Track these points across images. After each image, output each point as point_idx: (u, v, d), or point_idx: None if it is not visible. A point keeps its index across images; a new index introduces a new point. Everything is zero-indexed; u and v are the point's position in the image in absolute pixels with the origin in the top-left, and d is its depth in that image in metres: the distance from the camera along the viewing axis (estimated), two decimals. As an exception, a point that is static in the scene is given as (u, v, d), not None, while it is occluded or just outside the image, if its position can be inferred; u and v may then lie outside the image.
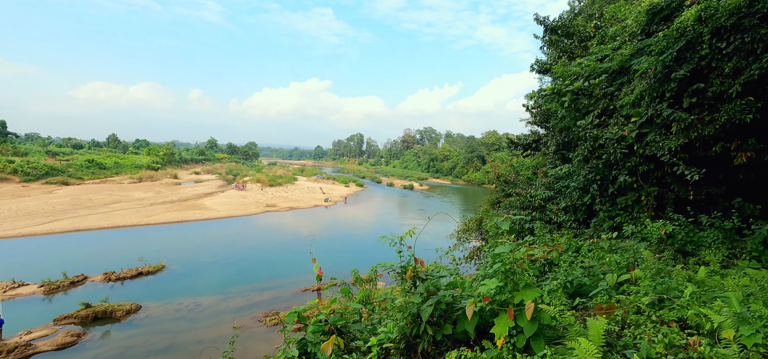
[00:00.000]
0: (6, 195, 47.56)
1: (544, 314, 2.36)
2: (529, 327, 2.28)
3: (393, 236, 3.37)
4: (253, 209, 51.88)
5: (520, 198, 11.12)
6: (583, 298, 3.54)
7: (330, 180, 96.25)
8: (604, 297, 3.24)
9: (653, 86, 6.64)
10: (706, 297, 3.18)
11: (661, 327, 2.67)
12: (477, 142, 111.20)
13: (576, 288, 3.91)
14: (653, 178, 7.08)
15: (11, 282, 22.52)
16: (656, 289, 3.10)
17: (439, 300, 2.72)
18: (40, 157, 68.42)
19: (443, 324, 2.67)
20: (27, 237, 32.52)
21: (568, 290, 3.66)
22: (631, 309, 3.01)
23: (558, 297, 3.29)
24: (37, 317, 19.53)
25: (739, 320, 2.50)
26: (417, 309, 2.70)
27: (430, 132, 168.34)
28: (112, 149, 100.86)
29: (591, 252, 6.02)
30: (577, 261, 5.35)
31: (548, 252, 4.77)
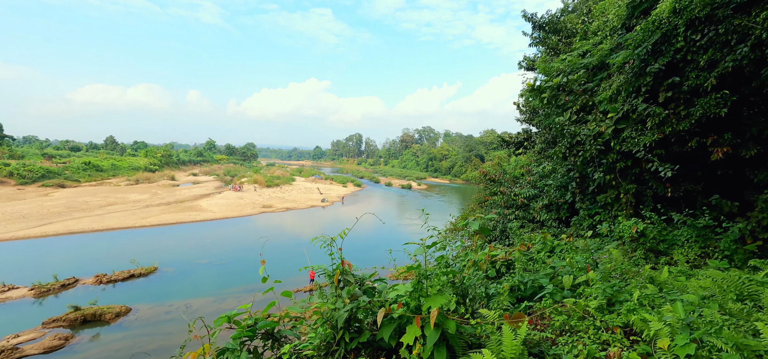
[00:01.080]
0: (1, 198, 47.44)
1: (448, 323, 2.20)
2: (431, 335, 2.13)
3: (324, 237, 3.23)
4: (249, 210, 51.74)
5: (504, 197, 10.96)
6: (538, 302, 3.38)
7: (328, 181, 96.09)
8: (548, 301, 3.07)
9: (630, 81, 6.47)
10: (660, 299, 3.01)
11: (604, 334, 2.51)
12: (475, 141, 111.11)
13: (534, 290, 3.75)
14: (631, 174, 6.90)
15: (1, 286, 22.38)
16: (606, 292, 2.93)
17: (357, 306, 2.57)
18: (37, 159, 68.33)
19: (363, 330, 2.52)
20: (20, 240, 32.38)
21: (521, 292, 3.50)
22: (577, 313, 2.85)
23: (499, 303, 3.13)
24: (26, 320, 19.37)
25: (683, 327, 2.33)
26: (333, 315, 2.55)
27: (429, 131, 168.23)
28: (109, 151, 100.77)
29: (563, 252, 5.86)
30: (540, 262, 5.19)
31: (510, 252, 4.60)
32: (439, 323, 2.13)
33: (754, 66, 5.16)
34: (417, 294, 2.39)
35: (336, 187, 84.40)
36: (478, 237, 5.34)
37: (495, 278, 4.15)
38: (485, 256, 4.44)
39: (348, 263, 3.07)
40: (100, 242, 33.50)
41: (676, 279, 3.89)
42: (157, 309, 21.22)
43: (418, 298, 2.38)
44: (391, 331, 2.36)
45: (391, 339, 2.37)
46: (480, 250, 4.90)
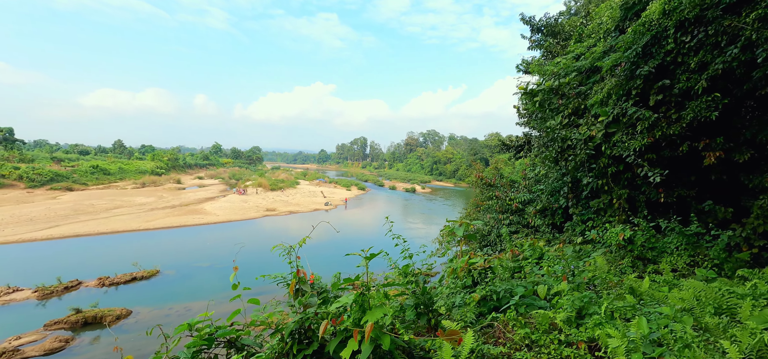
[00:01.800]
0: (10, 201, 48.28)
1: (384, 338, 2.10)
2: (365, 350, 2.04)
3: (283, 245, 3.15)
4: (252, 213, 51.99)
5: (499, 202, 10.81)
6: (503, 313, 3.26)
7: (332, 184, 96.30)
8: (511, 313, 2.96)
9: (620, 84, 6.32)
10: (633, 312, 2.88)
11: (566, 349, 2.39)
12: (480, 145, 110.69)
13: (509, 299, 3.63)
14: (623, 179, 6.73)
15: (6, 288, 22.68)
16: (574, 304, 2.81)
17: (305, 317, 2.49)
18: (46, 163, 69.52)
19: (313, 342, 2.44)
20: (26, 242, 32.86)
21: (493, 302, 3.38)
22: (543, 326, 2.73)
23: (462, 314, 3.01)
24: (29, 322, 19.58)
25: (646, 343, 2.21)
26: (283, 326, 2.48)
27: (434, 135, 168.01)
28: (117, 155, 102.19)
29: (552, 259, 5.73)
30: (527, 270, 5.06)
31: (489, 260, 4.48)
32: (374, 337, 2.04)
33: (745, 68, 4.99)
34: (357, 307, 2.30)
35: (340, 191, 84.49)
36: (463, 243, 5.22)
37: (471, 287, 4.04)
38: (463, 264, 4.33)
39: (303, 271, 3.00)
40: (104, 245, 33.86)
41: (659, 289, 3.74)
42: (156, 312, 21.31)
43: (360, 311, 2.29)
44: (336, 344, 2.28)
45: (338, 353, 2.29)
46: (463, 257, 4.79)
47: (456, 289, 4.15)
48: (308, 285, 2.88)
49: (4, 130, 70.23)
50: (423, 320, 2.85)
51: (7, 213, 41.31)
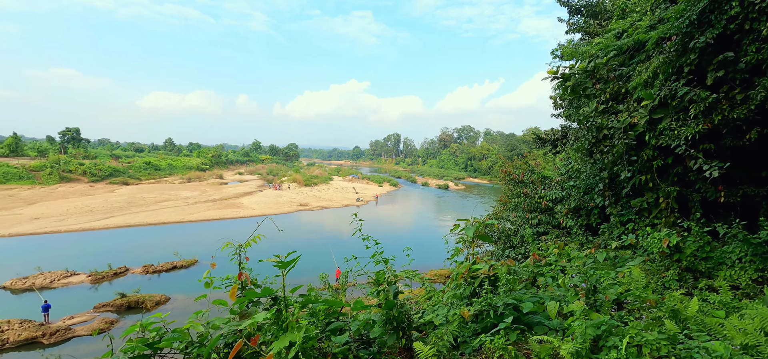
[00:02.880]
0: (76, 194, 53.45)
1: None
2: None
3: (231, 244, 2.79)
4: (286, 208, 53.49)
5: (526, 200, 9.86)
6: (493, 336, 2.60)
7: (365, 180, 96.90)
8: (499, 340, 2.32)
9: (670, 60, 5.28)
10: (668, 348, 2.16)
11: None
12: (517, 140, 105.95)
13: (515, 315, 3.00)
14: (672, 174, 5.67)
15: (64, 272, 24.94)
16: (586, 333, 2.14)
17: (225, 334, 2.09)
18: (106, 159, 76.35)
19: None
20: (85, 231, 36.08)
21: (490, 320, 2.77)
22: (545, 356, 2.11)
23: (438, 337, 2.42)
24: (82, 303, 21.33)
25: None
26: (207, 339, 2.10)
27: (469, 130, 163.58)
28: (167, 152, 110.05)
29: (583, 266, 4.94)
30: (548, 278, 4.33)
31: (495, 267, 3.83)
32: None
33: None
34: (276, 326, 1.87)
35: (372, 187, 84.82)
36: (474, 245, 4.57)
37: (470, 298, 3.44)
38: (464, 271, 3.72)
39: (247, 275, 2.61)
40: (151, 235, 36.37)
41: (712, 313, 2.91)
42: (191, 300, 22.41)
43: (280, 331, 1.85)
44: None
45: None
46: (465, 263, 4.16)
47: (454, 300, 3.57)
48: (254, 290, 2.48)
49: (72, 130, 78.07)
50: (392, 338, 2.34)
51: (71, 205, 45.78)
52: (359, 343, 2.38)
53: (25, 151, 73.48)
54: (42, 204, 45.44)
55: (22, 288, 22.75)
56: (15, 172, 57.93)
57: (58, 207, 44.20)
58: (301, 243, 35.59)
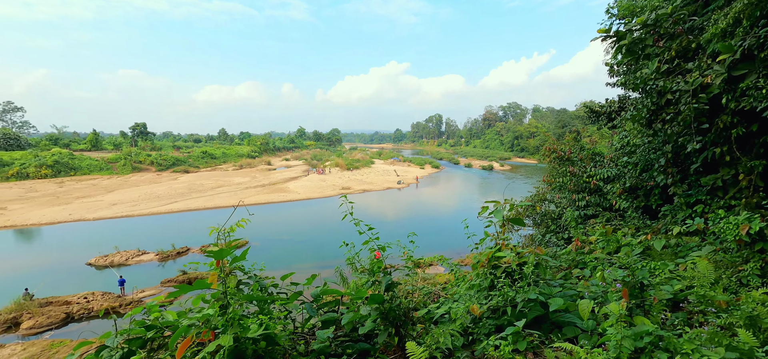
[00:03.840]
0: (145, 182, 59.46)
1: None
2: None
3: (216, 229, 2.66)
4: (329, 192, 54.98)
5: (573, 179, 8.93)
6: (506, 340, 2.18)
7: (406, 163, 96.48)
8: (506, 348, 1.91)
9: (756, 1, 4.23)
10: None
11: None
12: (569, 116, 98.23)
13: (540, 313, 2.58)
14: (758, 145, 4.65)
15: (137, 251, 27.97)
16: (622, 346, 1.67)
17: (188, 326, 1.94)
18: (169, 150, 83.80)
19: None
20: (153, 215, 40.06)
21: (506, 318, 2.38)
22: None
23: (434, 336, 2.07)
24: (151, 279, 23.83)
25: None
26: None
27: (515, 107, 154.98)
28: (221, 141, 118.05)
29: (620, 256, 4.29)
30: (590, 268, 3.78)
31: (523, 254, 3.37)
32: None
33: None
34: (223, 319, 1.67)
35: (413, 169, 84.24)
36: (505, 229, 4.12)
37: (489, 290, 3.05)
38: (485, 258, 3.33)
39: (225, 262, 2.47)
40: (208, 218, 39.45)
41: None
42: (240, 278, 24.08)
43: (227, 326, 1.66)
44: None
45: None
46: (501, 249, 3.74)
47: (472, 292, 3.21)
48: (235, 278, 2.34)
49: (140, 125, 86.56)
50: (383, 335, 2.07)
51: (142, 192, 51.05)
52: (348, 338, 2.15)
53: (103, 145, 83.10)
54: (118, 192, 51.16)
55: (104, 264, 25.90)
56: (96, 164, 65.82)
57: (131, 194, 49.51)
58: (342, 226, 36.48)
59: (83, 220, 37.06)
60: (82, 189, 52.66)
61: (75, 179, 59.49)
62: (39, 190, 50.81)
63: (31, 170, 57.71)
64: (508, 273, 3.03)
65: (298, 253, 28.35)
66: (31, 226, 35.26)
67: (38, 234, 33.90)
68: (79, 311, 18.76)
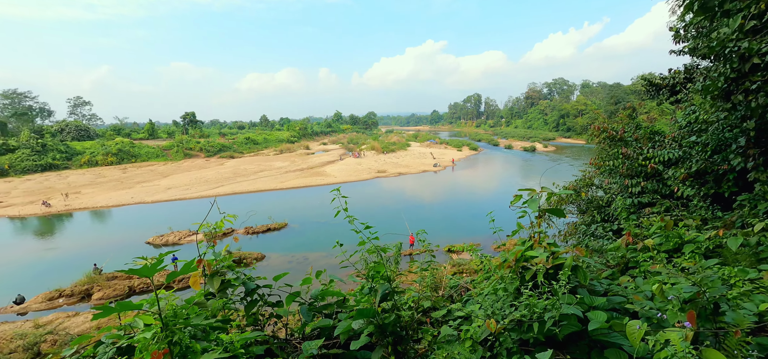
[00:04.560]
0: (195, 167, 63.71)
1: None
2: None
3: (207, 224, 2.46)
4: (365, 175, 55.40)
5: (627, 162, 7.94)
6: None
7: (442, 145, 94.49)
8: None
9: None
10: None
11: None
12: (623, 91, 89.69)
13: (577, 329, 2.14)
14: None
15: (188, 231, 30.15)
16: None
17: None
18: (216, 137, 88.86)
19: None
20: (202, 198, 42.86)
21: (531, 335, 1.97)
22: None
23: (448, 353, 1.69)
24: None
25: None
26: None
27: (561, 84, 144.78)
28: (263, 127, 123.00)
29: (685, 257, 3.63)
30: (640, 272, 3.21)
31: (559, 254, 2.88)
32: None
33: None
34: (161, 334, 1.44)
35: (450, 151, 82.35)
36: (541, 221, 3.62)
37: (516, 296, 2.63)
38: (512, 258, 2.90)
39: (206, 262, 2.26)
40: (251, 200, 41.49)
41: None
42: (282, 258, 25.14)
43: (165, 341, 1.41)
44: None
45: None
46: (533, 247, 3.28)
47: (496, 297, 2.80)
48: (219, 280, 2.14)
49: (190, 114, 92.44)
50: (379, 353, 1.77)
51: (193, 177, 54.78)
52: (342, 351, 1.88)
53: (158, 134, 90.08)
54: (172, 177, 55.30)
55: (160, 243, 28.22)
56: (153, 152, 71.59)
57: (183, 179, 53.31)
58: (377, 210, 36.66)
59: (143, 203, 40.59)
60: (141, 174, 57.64)
61: (136, 165, 65.24)
62: (106, 176, 56.39)
63: (99, 158, 64.10)
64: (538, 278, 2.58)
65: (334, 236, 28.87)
66: (100, 208, 39.29)
67: (107, 216, 37.73)
68: (140, 285, 20.63)
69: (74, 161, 62.73)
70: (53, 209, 38.23)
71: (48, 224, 34.77)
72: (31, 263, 24.85)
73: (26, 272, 24.17)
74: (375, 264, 2.48)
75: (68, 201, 40.85)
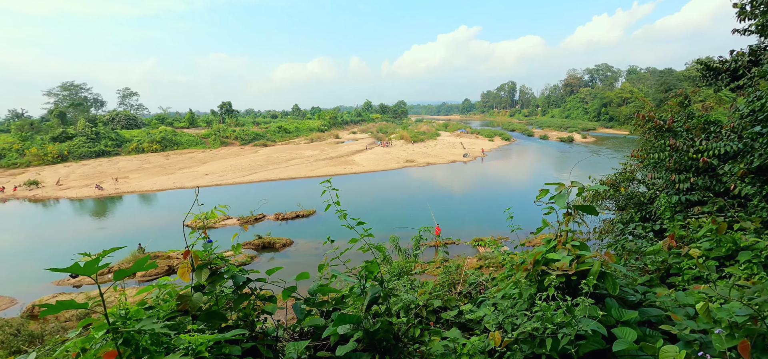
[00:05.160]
0: (231, 155, 66.53)
1: None
2: None
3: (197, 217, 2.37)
4: (393, 164, 55.26)
5: (674, 155, 7.18)
6: None
7: (474, 135, 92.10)
8: None
9: None
10: None
11: None
12: (675, 77, 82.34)
13: (600, 346, 1.86)
14: None
15: (223, 215, 31.66)
16: None
17: None
18: (250, 126, 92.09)
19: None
20: (237, 184, 44.72)
21: (546, 351, 1.71)
22: None
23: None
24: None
25: None
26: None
27: (605, 70, 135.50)
28: (294, 116, 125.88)
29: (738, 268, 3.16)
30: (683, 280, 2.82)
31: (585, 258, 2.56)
32: None
33: None
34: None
35: (481, 141, 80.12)
36: (569, 219, 3.29)
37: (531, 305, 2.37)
38: (531, 261, 2.62)
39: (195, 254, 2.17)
40: (281, 188, 42.74)
41: None
42: (310, 245, 25.78)
43: None
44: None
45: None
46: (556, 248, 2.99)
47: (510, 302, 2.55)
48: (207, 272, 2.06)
49: (226, 103, 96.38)
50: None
51: (228, 164, 57.27)
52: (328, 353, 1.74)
53: (197, 123, 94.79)
54: (210, 164, 58.11)
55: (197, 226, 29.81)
56: (193, 140, 75.53)
57: (220, 166, 55.87)
58: (404, 199, 36.51)
59: (183, 188, 43.01)
60: (182, 161, 61.06)
61: (177, 152, 69.20)
62: (151, 162, 60.30)
63: (145, 145, 68.61)
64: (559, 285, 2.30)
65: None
66: (145, 192, 42.16)
67: (152, 199, 40.43)
68: (178, 264, 21.97)
69: (123, 148, 67.61)
70: (105, 192, 41.50)
71: (101, 206, 37.84)
72: (86, 240, 27.19)
73: (81, 248, 26.44)
74: (368, 263, 2.31)
75: (118, 185, 44.14)
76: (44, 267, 1.59)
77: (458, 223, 28.41)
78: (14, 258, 24.68)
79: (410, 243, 10.52)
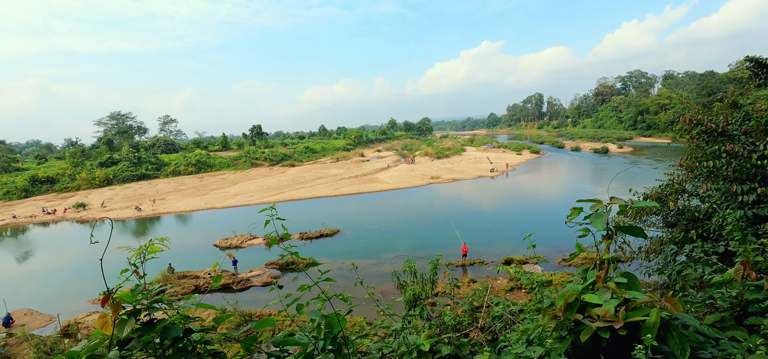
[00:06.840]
0: (260, 176, 68.58)
1: None
2: None
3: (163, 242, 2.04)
4: (418, 181, 54.60)
5: (733, 162, 6.27)
6: None
7: (500, 149, 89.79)
8: None
9: None
10: None
11: None
12: (718, 80, 76.60)
13: None
14: None
15: (249, 235, 32.13)
16: None
17: None
18: (279, 147, 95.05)
19: None
20: (264, 204, 45.68)
21: None
22: None
23: None
24: (258, 261, 27.02)
25: None
26: None
27: (638, 77, 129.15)
28: (321, 137, 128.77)
29: None
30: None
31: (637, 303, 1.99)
32: None
33: None
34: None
35: (508, 155, 77.85)
36: (610, 244, 2.70)
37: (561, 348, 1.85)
38: (561, 305, 2.08)
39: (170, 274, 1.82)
40: (307, 207, 43.18)
41: None
42: (333, 265, 25.32)
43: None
44: None
45: None
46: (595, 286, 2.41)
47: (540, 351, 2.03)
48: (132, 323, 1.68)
49: (256, 126, 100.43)
50: None
51: (257, 185, 58.96)
52: None
53: (230, 146, 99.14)
54: (240, 185, 60.07)
55: (224, 245, 30.41)
56: (225, 162, 78.81)
57: (249, 186, 57.58)
58: (428, 217, 35.66)
59: (214, 208, 44.52)
60: (215, 182, 63.59)
61: (211, 174, 72.31)
62: (186, 184, 63.24)
63: (181, 168, 72.31)
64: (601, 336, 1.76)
65: (384, 243, 28.62)
66: (180, 213, 43.98)
67: (186, 219, 42.07)
68: (204, 284, 22.30)
69: (162, 171, 71.56)
70: (143, 213, 43.71)
71: (139, 226, 39.81)
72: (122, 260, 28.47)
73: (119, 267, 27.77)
74: (328, 317, 1.88)
75: (155, 207, 46.41)
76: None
77: (487, 241, 27.19)
78: (60, 276, 26.16)
79: (428, 267, 9.92)
